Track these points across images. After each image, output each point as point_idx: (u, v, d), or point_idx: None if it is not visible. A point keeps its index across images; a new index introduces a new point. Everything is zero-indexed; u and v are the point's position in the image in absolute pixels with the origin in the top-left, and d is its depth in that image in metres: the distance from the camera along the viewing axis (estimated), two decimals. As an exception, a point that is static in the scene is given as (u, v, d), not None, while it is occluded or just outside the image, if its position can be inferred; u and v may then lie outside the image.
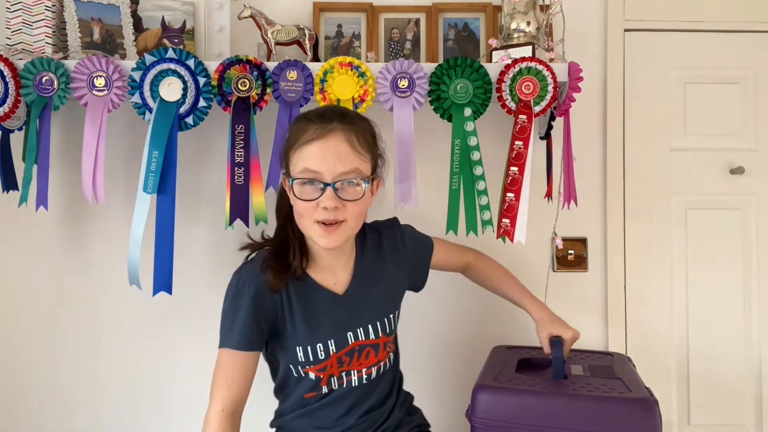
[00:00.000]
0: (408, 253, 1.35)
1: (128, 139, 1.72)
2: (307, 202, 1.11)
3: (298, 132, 1.15)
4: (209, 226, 1.73)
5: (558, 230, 1.68)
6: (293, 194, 1.14)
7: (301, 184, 1.12)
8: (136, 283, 1.47)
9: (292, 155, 1.15)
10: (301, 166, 1.12)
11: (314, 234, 1.14)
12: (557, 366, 1.25)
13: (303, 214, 1.14)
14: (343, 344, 1.22)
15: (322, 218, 1.12)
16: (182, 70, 1.46)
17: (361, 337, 1.23)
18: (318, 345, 1.20)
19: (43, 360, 1.72)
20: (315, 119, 1.14)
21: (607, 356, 1.46)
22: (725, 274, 1.80)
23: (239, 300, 1.18)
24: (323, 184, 1.10)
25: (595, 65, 1.78)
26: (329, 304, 1.22)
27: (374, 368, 1.26)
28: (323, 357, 1.20)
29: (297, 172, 1.12)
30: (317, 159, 1.11)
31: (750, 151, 1.81)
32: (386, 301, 1.30)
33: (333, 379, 1.22)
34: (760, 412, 1.80)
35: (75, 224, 1.73)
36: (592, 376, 1.29)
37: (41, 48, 1.53)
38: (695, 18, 1.80)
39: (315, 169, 1.11)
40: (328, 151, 1.11)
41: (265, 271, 1.18)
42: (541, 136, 1.66)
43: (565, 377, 1.26)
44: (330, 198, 1.10)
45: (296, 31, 1.60)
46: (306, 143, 1.12)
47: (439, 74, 1.50)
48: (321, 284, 1.22)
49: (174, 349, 1.74)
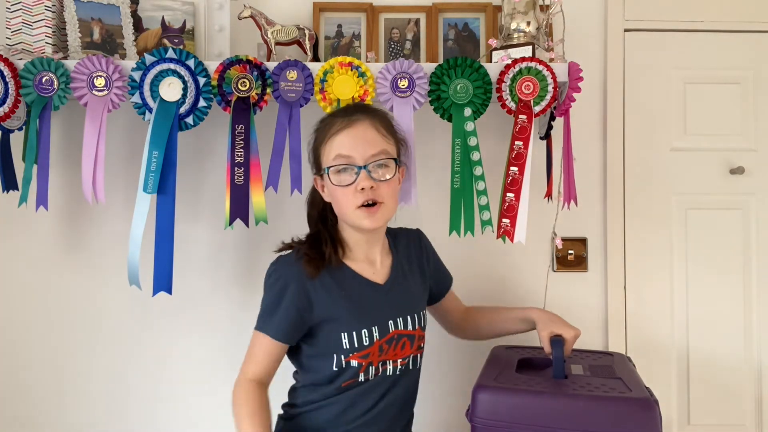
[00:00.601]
0: (430, 269, 1.43)
1: (128, 139, 1.72)
2: (345, 187, 1.20)
3: (326, 127, 1.25)
4: (209, 226, 1.73)
5: (558, 230, 1.68)
6: (331, 183, 1.22)
7: (336, 172, 1.21)
8: (136, 283, 1.47)
9: (323, 149, 1.24)
10: (333, 154, 1.21)
11: (357, 218, 1.22)
12: (557, 366, 1.25)
13: (343, 203, 1.22)
14: (384, 332, 1.26)
15: (362, 200, 1.20)
16: (182, 70, 1.46)
17: (401, 327, 1.28)
18: (363, 331, 1.23)
19: (43, 360, 1.72)
20: (339, 113, 1.26)
21: (607, 356, 1.46)
22: (725, 274, 1.80)
23: (284, 291, 1.23)
24: (357, 168, 1.20)
25: (595, 65, 1.78)
26: (371, 292, 1.27)
27: (409, 359, 1.30)
28: (367, 343, 1.23)
29: (330, 161, 1.21)
30: (348, 145, 1.21)
31: (750, 151, 1.81)
32: (420, 296, 1.38)
33: (371, 368, 1.25)
34: (760, 412, 1.80)
35: (75, 224, 1.73)
36: (592, 375, 1.29)
37: (41, 48, 1.53)
38: (695, 18, 1.80)
39: (347, 154, 1.20)
40: (357, 137, 1.21)
41: (300, 260, 1.25)
42: (541, 136, 1.66)
43: (566, 377, 1.26)
44: (365, 179, 1.19)
45: (296, 31, 1.60)
46: (335, 134, 1.22)
47: (439, 74, 1.50)
48: (360, 274, 1.28)
49: (174, 349, 1.73)
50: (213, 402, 1.73)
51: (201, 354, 1.74)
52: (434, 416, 1.68)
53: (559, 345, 1.27)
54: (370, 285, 1.28)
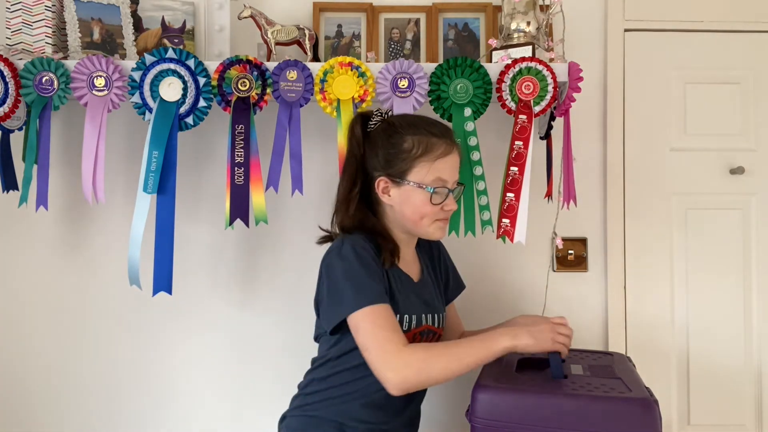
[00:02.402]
0: (443, 279, 1.47)
1: (128, 139, 1.72)
2: (436, 205, 1.28)
3: (429, 146, 1.28)
4: (209, 226, 1.73)
5: (558, 230, 1.68)
6: (420, 197, 1.28)
7: (436, 193, 1.29)
8: (136, 283, 1.47)
9: (420, 165, 1.28)
10: (434, 176, 1.28)
11: (433, 229, 1.31)
12: (556, 366, 1.25)
13: (427, 215, 1.29)
14: (419, 323, 1.30)
15: (443, 217, 1.31)
16: (182, 70, 1.46)
17: (430, 322, 1.32)
18: (405, 315, 1.27)
19: (43, 359, 1.72)
20: (440, 136, 1.30)
21: (607, 356, 1.45)
22: (725, 274, 1.80)
23: (364, 255, 1.23)
24: (448, 190, 1.30)
25: (595, 65, 1.78)
26: (411, 285, 1.33)
27: None
28: (406, 328, 1.26)
29: (430, 181, 1.28)
30: (448, 171, 1.30)
31: (750, 151, 1.81)
32: (440, 298, 1.42)
33: None
34: (760, 412, 1.80)
35: (75, 224, 1.73)
36: (592, 375, 1.28)
37: (41, 48, 1.53)
38: (695, 18, 1.80)
39: (446, 179, 1.29)
40: (454, 165, 1.32)
41: (370, 241, 1.27)
42: (541, 136, 1.66)
43: (565, 377, 1.25)
44: (453, 201, 1.31)
45: (296, 31, 1.60)
46: (439, 157, 1.28)
47: (439, 74, 1.50)
48: (401, 268, 1.32)
49: (174, 349, 1.73)
50: (213, 401, 1.73)
51: (201, 354, 1.74)
52: (434, 416, 1.68)
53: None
54: (409, 280, 1.33)
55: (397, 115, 1.39)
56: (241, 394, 1.74)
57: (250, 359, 1.74)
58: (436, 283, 1.42)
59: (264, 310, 1.73)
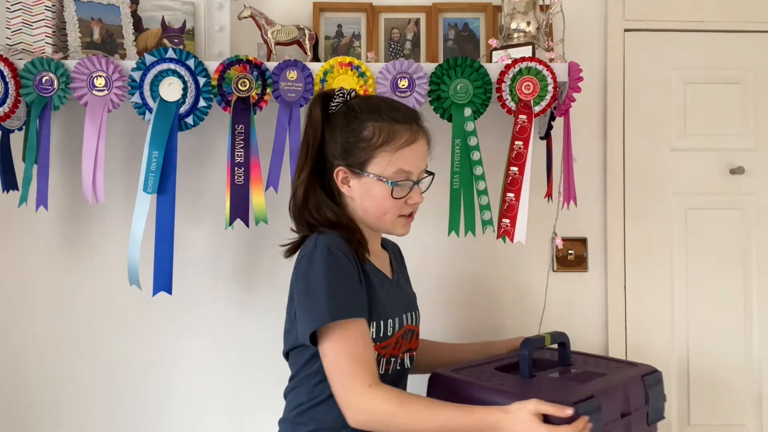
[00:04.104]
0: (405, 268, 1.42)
1: (128, 139, 1.71)
2: (399, 199, 1.19)
3: (390, 134, 1.18)
4: (209, 226, 1.73)
5: (558, 230, 1.68)
6: (379, 191, 1.18)
7: (398, 186, 1.19)
8: (136, 283, 1.47)
9: (380, 155, 1.18)
10: (395, 167, 1.17)
11: (396, 225, 1.22)
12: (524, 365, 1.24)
13: (390, 210, 1.20)
14: (401, 324, 1.24)
15: (408, 212, 1.22)
16: (182, 70, 1.46)
17: (410, 321, 1.28)
18: (389, 321, 1.20)
19: (43, 359, 1.72)
20: (404, 122, 1.19)
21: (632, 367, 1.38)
22: (725, 274, 1.80)
23: (333, 261, 1.12)
24: (412, 183, 1.20)
25: (595, 65, 1.78)
26: (388, 285, 1.26)
27: (406, 355, 1.28)
28: (390, 333, 1.20)
29: (391, 173, 1.17)
30: (411, 161, 1.19)
31: (750, 151, 1.81)
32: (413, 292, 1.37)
33: (383, 360, 1.21)
34: (760, 412, 1.80)
35: (75, 224, 1.73)
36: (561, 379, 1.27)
37: (41, 48, 1.53)
38: (695, 18, 1.80)
39: (409, 170, 1.19)
40: (419, 154, 1.20)
41: (343, 240, 1.17)
42: (541, 136, 1.66)
43: (533, 376, 1.23)
44: (418, 194, 1.21)
45: (296, 31, 1.60)
46: (401, 147, 1.18)
47: (439, 74, 1.50)
48: (377, 267, 1.25)
49: (174, 349, 1.73)
50: (213, 402, 1.73)
51: (201, 354, 1.74)
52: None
53: (528, 345, 1.25)
54: (385, 278, 1.25)
55: (360, 96, 1.26)
56: (241, 393, 1.73)
57: (249, 359, 1.74)
58: (404, 276, 1.39)
59: (264, 310, 1.73)
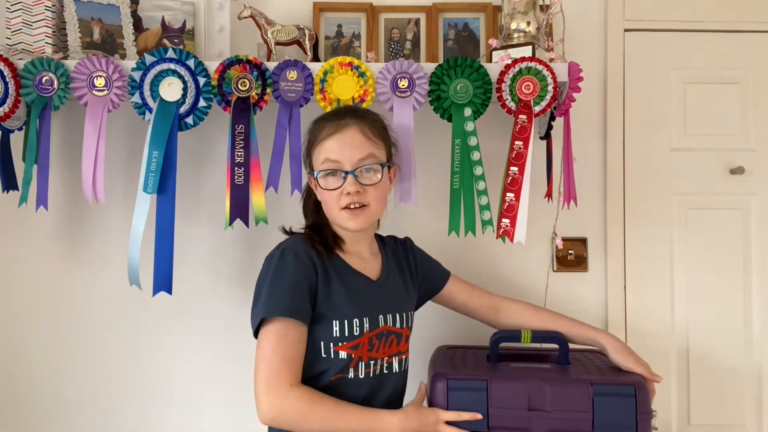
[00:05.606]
0: (418, 273, 1.44)
1: (128, 139, 1.72)
2: (332, 191, 1.24)
3: (316, 131, 1.28)
4: (209, 226, 1.73)
5: (558, 230, 1.68)
6: (319, 187, 1.27)
7: (325, 176, 1.25)
8: (136, 283, 1.47)
9: (314, 153, 1.28)
10: (322, 158, 1.25)
11: (342, 219, 1.26)
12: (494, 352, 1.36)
13: (330, 204, 1.26)
14: (374, 325, 1.27)
15: (347, 203, 1.24)
16: (182, 70, 1.46)
17: (390, 323, 1.29)
18: (354, 320, 1.24)
19: (43, 360, 1.72)
20: (330, 117, 1.28)
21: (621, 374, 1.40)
22: (725, 274, 1.80)
23: (283, 263, 1.22)
24: (344, 173, 1.23)
25: (595, 65, 1.78)
26: (364, 285, 1.29)
27: (394, 359, 1.30)
28: (357, 333, 1.24)
29: (319, 165, 1.25)
30: (336, 150, 1.24)
31: (750, 151, 1.81)
32: (408, 296, 1.39)
33: (361, 363, 1.25)
34: (760, 412, 1.80)
35: (75, 224, 1.73)
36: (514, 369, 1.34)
37: (41, 48, 1.53)
38: (695, 18, 1.80)
39: (335, 159, 1.23)
40: (345, 142, 1.24)
41: (305, 242, 1.27)
42: (541, 136, 1.66)
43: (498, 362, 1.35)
44: (351, 183, 1.23)
45: (296, 31, 1.60)
46: (324, 138, 1.25)
47: (439, 74, 1.50)
48: (353, 267, 1.30)
49: (174, 349, 1.73)
50: (213, 402, 1.73)
51: (201, 354, 1.74)
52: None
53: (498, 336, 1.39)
54: (363, 279, 1.30)
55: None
56: (241, 393, 1.73)
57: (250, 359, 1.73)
58: (408, 285, 1.40)
59: (264, 310, 1.73)
